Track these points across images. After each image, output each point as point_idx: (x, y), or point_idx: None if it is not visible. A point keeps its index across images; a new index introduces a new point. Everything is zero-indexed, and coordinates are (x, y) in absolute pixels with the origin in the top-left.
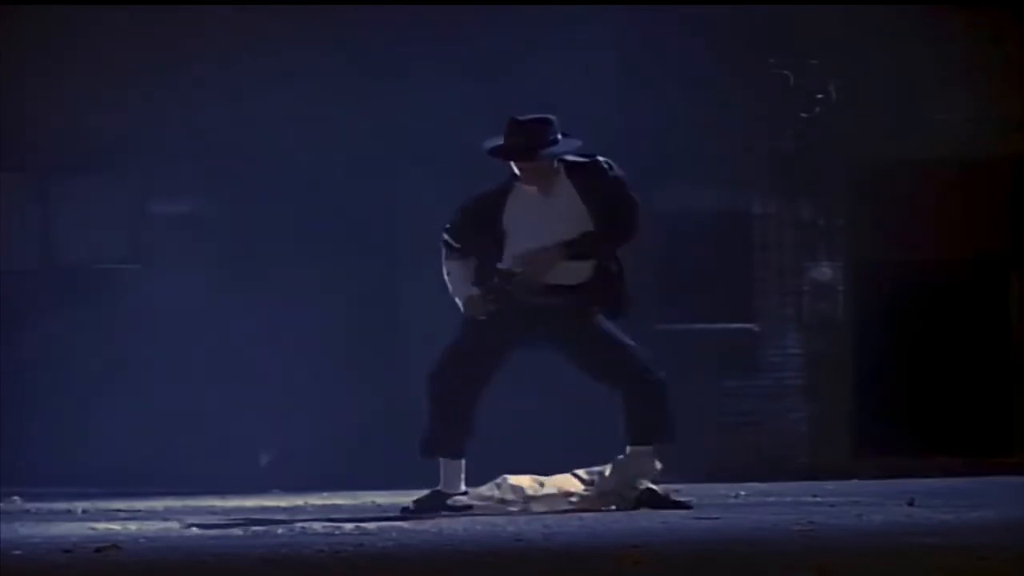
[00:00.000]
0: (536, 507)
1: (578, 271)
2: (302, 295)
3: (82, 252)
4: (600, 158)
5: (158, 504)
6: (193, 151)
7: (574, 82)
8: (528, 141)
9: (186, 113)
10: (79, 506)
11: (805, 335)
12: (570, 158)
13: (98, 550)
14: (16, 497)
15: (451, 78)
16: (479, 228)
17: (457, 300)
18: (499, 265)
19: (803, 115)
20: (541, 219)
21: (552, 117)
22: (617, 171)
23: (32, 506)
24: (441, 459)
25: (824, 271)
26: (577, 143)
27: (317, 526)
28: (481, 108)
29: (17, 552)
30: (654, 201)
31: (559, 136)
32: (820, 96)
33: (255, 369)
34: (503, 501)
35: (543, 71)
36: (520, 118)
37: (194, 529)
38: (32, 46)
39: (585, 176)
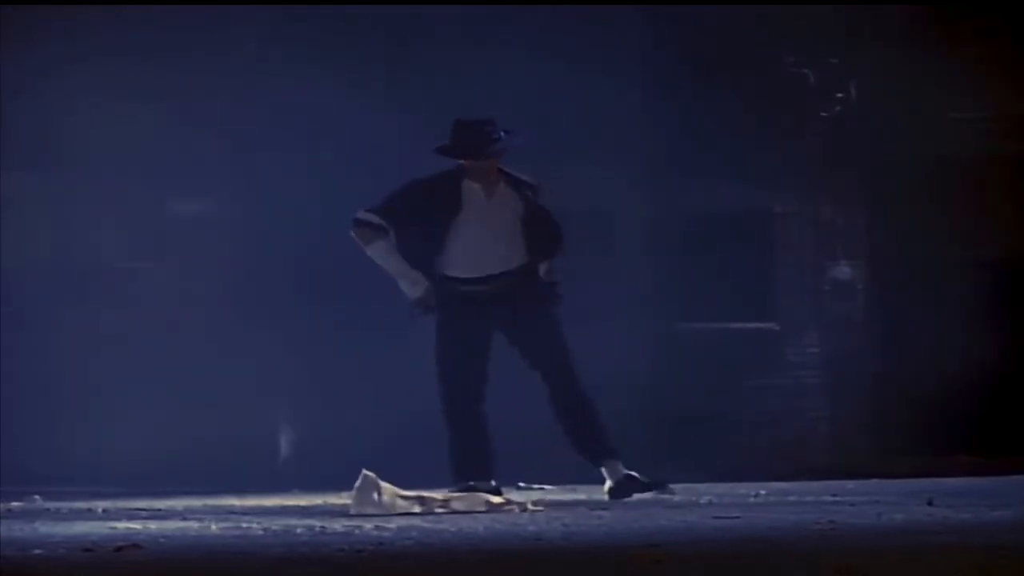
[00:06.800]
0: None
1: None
2: (315, 294)
3: (98, 251)
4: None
5: (178, 503)
6: (209, 150)
7: (595, 82)
8: (476, 138)
9: (198, 112)
10: (99, 505)
11: (825, 334)
12: (515, 174)
13: (118, 549)
14: (36, 496)
15: (463, 76)
16: (422, 213)
17: (402, 282)
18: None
19: (823, 114)
20: (485, 223)
21: (493, 117)
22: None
23: (52, 505)
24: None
25: (844, 270)
26: (519, 139)
27: (337, 525)
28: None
29: (37, 551)
30: (674, 200)
31: (501, 134)
32: (840, 95)
33: (273, 367)
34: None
35: (564, 70)
36: (464, 118)
37: (214, 528)
38: (38, 46)
39: (527, 192)
